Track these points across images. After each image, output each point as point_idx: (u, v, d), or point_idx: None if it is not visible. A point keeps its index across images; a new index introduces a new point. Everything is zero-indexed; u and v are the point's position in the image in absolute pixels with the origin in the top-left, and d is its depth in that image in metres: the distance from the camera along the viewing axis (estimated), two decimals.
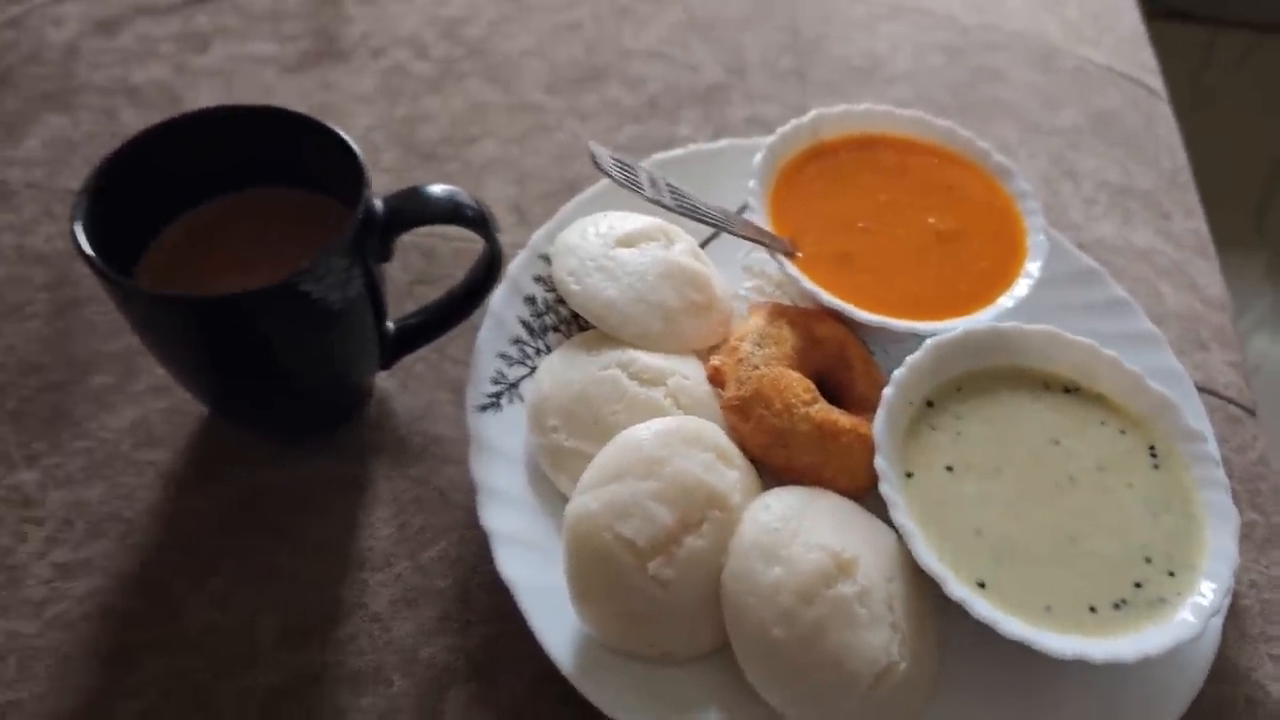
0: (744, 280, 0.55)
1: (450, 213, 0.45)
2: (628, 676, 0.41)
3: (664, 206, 0.49)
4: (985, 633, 0.40)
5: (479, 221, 0.46)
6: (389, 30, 0.70)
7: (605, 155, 0.48)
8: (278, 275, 0.43)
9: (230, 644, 0.45)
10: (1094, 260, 0.56)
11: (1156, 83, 0.74)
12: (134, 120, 0.65)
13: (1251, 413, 0.55)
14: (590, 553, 0.41)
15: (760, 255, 0.55)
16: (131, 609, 0.46)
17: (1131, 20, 0.78)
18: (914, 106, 0.66)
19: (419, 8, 0.72)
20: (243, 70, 0.67)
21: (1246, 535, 0.48)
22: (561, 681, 0.40)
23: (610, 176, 0.47)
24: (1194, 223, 0.66)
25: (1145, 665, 0.40)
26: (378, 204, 0.44)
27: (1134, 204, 0.65)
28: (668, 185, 0.50)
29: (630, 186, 0.48)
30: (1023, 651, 0.40)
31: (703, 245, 0.55)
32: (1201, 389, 0.52)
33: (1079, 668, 0.40)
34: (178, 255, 0.46)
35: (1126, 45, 0.75)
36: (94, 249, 0.41)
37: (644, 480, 0.42)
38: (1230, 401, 0.55)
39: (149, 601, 0.46)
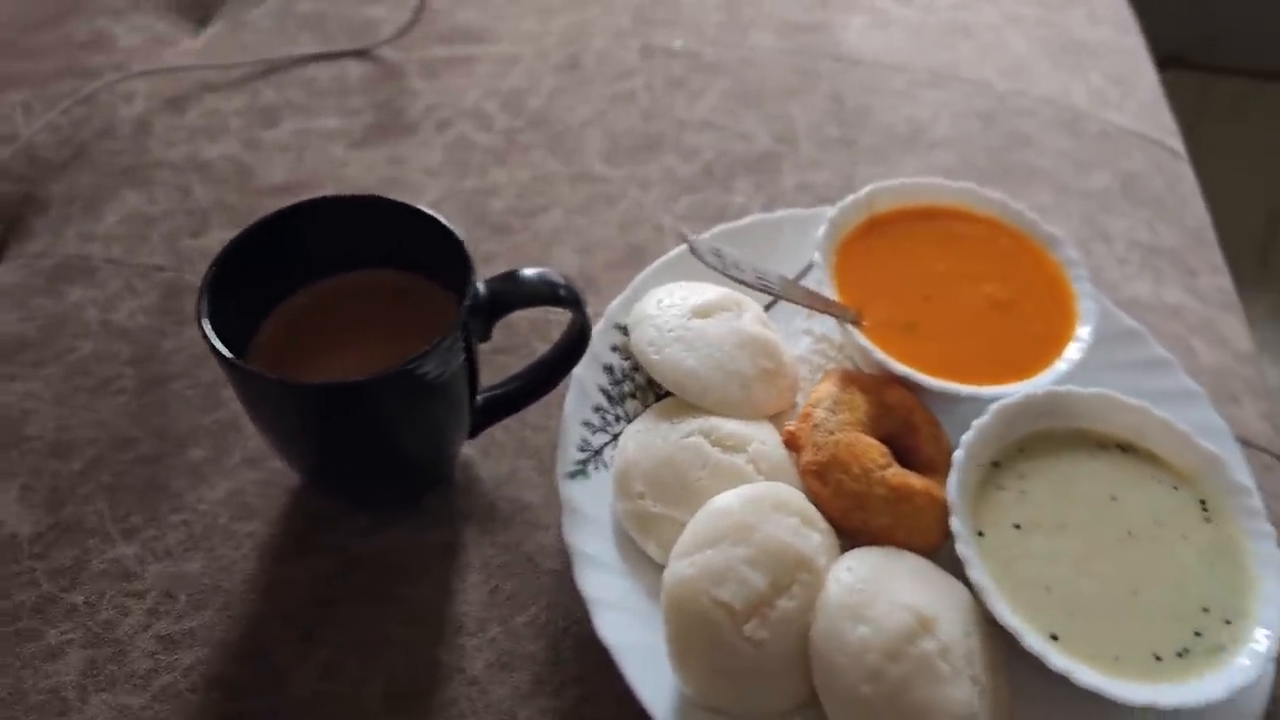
0: (802, 342, 0.58)
1: (547, 295, 0.48)
2: None
3: (765, 291, 0.52)
4: (1053, 683, 0.43)
5: (572, 301, 0.48)
6: (452, 103, 0.73)
7: (704, 247, 0.51)
8: (384, 355, 0.45)
9: (338, 712, 0.46)
10: (1133, 319, 0.59)
11: (1177, 144, 0.77)
12: (206, 195, 0.67)
13: None
14: (689, 616, 0.44)
15: (821, 320, 0.58)
16: (238, 679, 0.47)
17: (1150, 83, 0.81)
18: (956, 172, 0.70)
19: (480, 80, 0.75)
20: (312, 144, 0.70)
21: None
22: None
23: (711, 266, 0.51)
24: (1219, 279, 0.69)
25: (1208, 709, 0.43)
26: (480, 288, 0.46)
27: (1163, 263, 0.69)
28: (755, 270, 0.53)
29: (733, 277, 0.51)
30: (1091, 700, 0.42)
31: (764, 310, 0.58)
32: (1238, 441, 0.55)
33: (1145, 713, 0.42)
34: (285, 336, 0.49)
35: (1148, 109, 0.78)
36: (215, 334, 0.43)
37: (737, 546, 0.45)
38: (1264, 451, 0.58)
39: (254, 671, 0.48)
